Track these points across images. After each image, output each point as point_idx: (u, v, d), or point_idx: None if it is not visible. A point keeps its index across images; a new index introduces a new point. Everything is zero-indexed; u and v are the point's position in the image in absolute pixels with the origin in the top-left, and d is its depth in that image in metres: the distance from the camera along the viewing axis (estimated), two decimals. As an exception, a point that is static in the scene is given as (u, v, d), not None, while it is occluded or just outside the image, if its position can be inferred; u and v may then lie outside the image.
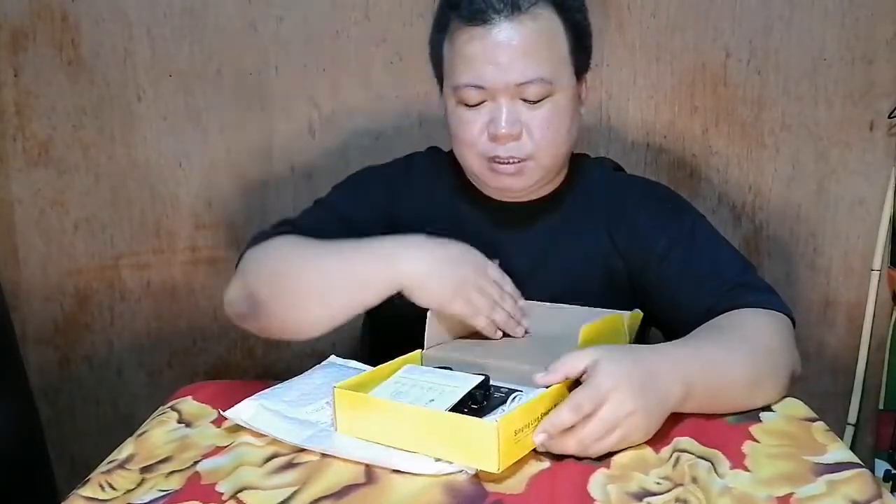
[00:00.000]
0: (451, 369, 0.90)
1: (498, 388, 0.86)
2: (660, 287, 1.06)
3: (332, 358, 1.03)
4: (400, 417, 0.79)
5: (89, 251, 1.69)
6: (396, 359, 0.91)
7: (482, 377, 0.84)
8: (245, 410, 0.86)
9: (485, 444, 0.74)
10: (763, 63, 1.53)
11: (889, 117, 1.52)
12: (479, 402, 0.83)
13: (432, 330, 0.96)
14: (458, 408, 0.80)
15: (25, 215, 1.68)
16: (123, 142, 1.64)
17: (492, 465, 0.74)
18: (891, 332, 1.56)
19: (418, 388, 0.84)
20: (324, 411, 0.88)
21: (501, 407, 0.82)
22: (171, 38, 1.59)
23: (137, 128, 1.63)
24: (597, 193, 1.14)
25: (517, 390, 0.85)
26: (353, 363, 1.01)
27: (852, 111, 1.54)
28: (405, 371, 0.89)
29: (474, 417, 0.76)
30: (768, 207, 1.58)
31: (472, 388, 0.82)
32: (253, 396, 0.89)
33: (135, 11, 1.58)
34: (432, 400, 0.81)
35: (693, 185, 1.59)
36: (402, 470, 0.77)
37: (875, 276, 1.58)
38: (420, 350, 0.95)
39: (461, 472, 0.76)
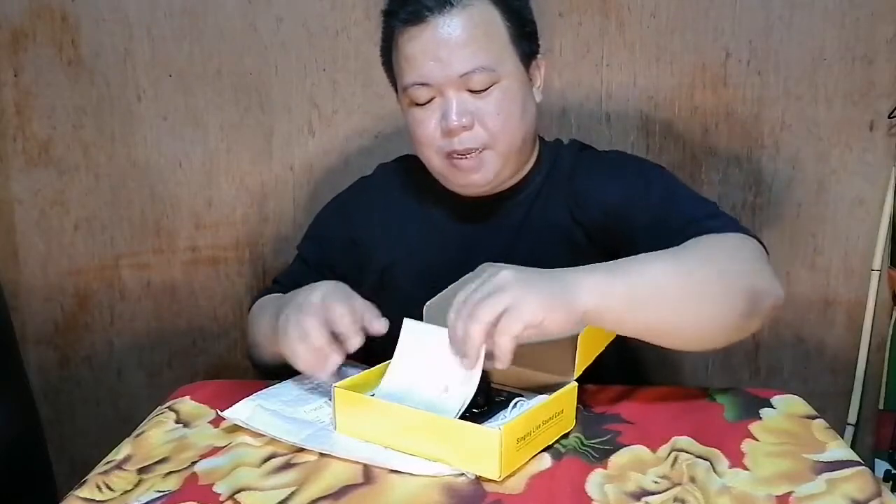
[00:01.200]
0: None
1: (499, 392, 0.86)
2: (626, 244, 1.00)
3: None
4: (400, 420, 0.79)
5: (89, 251, 1.69)
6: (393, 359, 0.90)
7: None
8: (243, 410, 0.86)
9: (487, 451, 0.74)
10: (763, 63, 1.53)
11: (889, 117, 1.52)
12: (480, 405, 0.82)
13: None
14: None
15: (25, 215, 1.68)
16: (123, 142, 1.64)
17: (493, 472, 0.74)
18: (891, 332, 1.56)
19: (434, 371, 0.82)
20: (322, 410, 0.88)
21: (502, 412, 0.82)
22: (171, 38, 1.59)
23: (137, 128, 1.63)
24: (559, 177, 1.14)
25: (518, 395, 0.85)
26: (350, 362, 1.00)
27: (852, 111, 1.53)
28: (411, 335, 0.86)
29: (476, 424, 0.76)
30: (768, 207, 1.58)
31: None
32: (251, 396, 0.89)
33: (135, 11, 1.58)
34: (447, 389, 0.80)
35: (693, 185, 1.58)
36: (400, 470, 0.76)
37: (875, 276, 1.58)
38: None
39: (461, 474, 0.75)
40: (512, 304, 0.75)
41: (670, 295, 0.83)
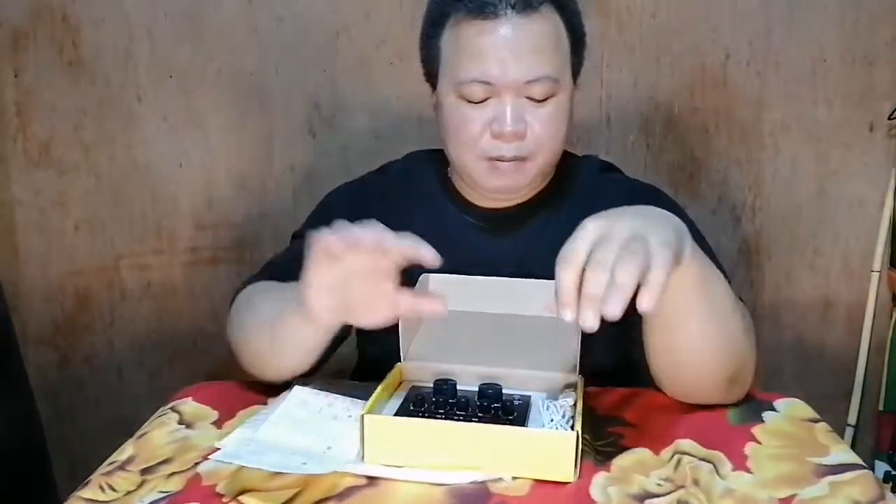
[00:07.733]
0: (455, 382, 0.87)
1: (511, 396, 0.85)
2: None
3: (297, 388, 0.95)
4: (455, 437, 0.76)
5: (89, 252, 1.69)
6: (385, 378, 0.87)
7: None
8: (233, 448, 0.80)
9: (561, 455, 0.73)
10: (763, 64, 1.53)
11: (889, 119, 1.52)
12: (496, 411, 0.82)
13: (406, 340, 0.91)
14: (469, 419, 0.80)
15: (26, 215, 1.68)
16: (124, 142, 1.64)
17: (568, 475, 0.74)
18: (891, 333, 1.57)
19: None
20: (321, 438, 0.84)
21: (536, 415, 0.82)
22: (171, 39, 1.59)
23: (138, 128, 1.63)
24: (580, 194, 1.09)
25: (527, 395, 0.85)
26: (319, 390, 0.94)
27: (852, 112, 1.54)
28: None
29: (547, 430, 0.76)
30: (768, 208, 1.58)
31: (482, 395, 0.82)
32: (234, 432, 0.84)
33: (135, 12, 1.58)
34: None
35: (693, 185, 1.59)
36: (411, 480, 0.76)
37: (875, 276, 1.58)
38: (399, 363, 0.91)
39: (471, 482, 0.75)
40: (642, 232, 0.70)
41: (717, 301, 0.83)
